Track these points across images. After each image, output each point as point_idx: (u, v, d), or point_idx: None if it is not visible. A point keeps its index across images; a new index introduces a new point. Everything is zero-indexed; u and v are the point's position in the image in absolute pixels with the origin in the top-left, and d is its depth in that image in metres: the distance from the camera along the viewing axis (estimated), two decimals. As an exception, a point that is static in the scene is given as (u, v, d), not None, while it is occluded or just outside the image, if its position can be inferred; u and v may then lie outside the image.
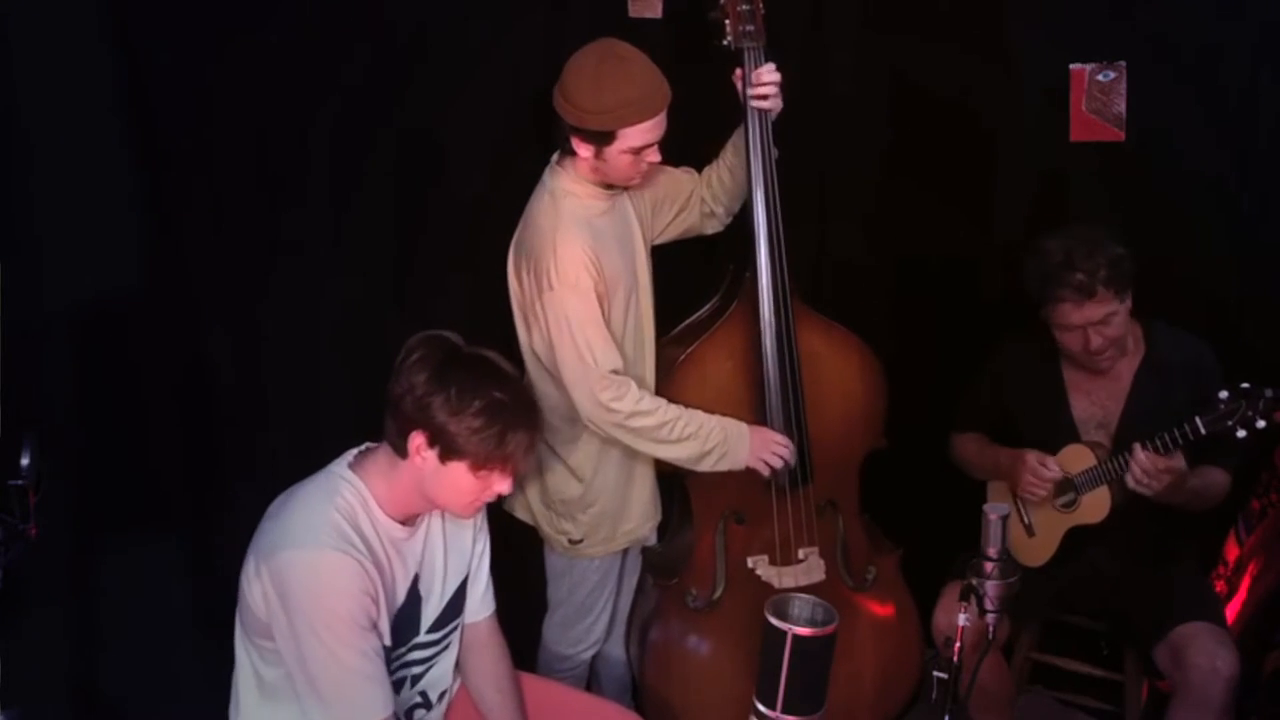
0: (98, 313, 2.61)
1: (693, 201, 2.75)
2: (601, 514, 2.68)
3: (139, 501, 2.73)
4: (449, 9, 3.04)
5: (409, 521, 2.12)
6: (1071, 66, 3.03)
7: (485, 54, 3.09)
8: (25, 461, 1.95)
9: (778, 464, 2.64)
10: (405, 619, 2.16)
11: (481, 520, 2.28)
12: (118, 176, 2.63)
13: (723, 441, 2.58)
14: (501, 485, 2.06)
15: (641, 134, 2.41)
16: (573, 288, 2.44)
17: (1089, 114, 3.04)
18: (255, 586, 2.02)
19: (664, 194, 2.72)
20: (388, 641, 2.09)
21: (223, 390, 2.91)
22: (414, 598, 2.16)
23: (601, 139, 2.41)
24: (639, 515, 2.74)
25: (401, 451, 2.02)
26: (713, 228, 2.79)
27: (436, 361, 1.99)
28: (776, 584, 2.72)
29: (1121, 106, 3.01)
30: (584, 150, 2.44)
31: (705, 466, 2.60)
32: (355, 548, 2.00)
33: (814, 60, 3.21)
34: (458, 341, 2.04)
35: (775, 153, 2.63)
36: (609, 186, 2.54)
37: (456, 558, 2.23)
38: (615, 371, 2.48)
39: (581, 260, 2.44)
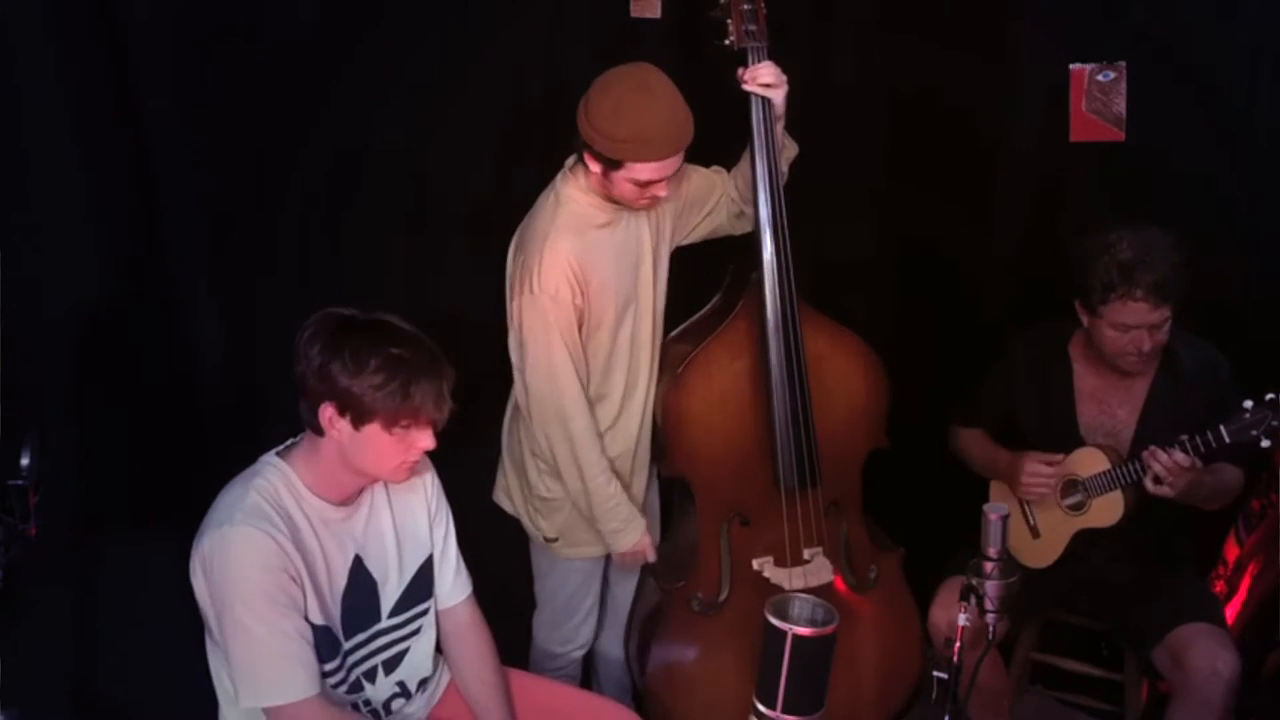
0: (97, 313, 2.62)
1: (721, 203, 2.73)
2: (576, 516, 2.68)
3: (139, 501, 2.73)
4: (449, 8, 3.04)
5: (346, 502, 2.11)
6: (1071, 66, 3.03)
7: (485, 54, 3.09)
8: (25, 461, 1.95)
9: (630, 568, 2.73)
10: (360, 605, 2.14)
11: (438, 500, 2.27)
12: (117, 177, 2.63)
13: (613, 519, 2.61)
14: (423, 441, 2.04)
15: (650, 171, 2.41)
16: (551, 297, 2.45)
17: (1089, 114, 3.04)
18: (194, 579, 2.03)
19: (692, 196, 2.71)
20: (319, 620, 2.06)
21: (222, 391, 2.91)
22: (364, 581, 2.15)
23: (609, 164, 2.41)
24: None
25: (317, 429, 2.03)
26: (743, 228, 2.75)
27: (329, 332, 2.00)
28: (787, 585, 2.70)
29: (1121, 106, 3.02)
30: (594, 166, 2.45)
31: (587, 511, 2.63)
32: (272, 524, 1.99)
33: (814, 60, 3.21)
34: (350, 312, 2.04)
35: (795, 150, 2.63)
36: (617, 202, 2.54)
37: (410, 538, 2.22)
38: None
39: (564, 271, 2.45)
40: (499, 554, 2.85)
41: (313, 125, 2.92)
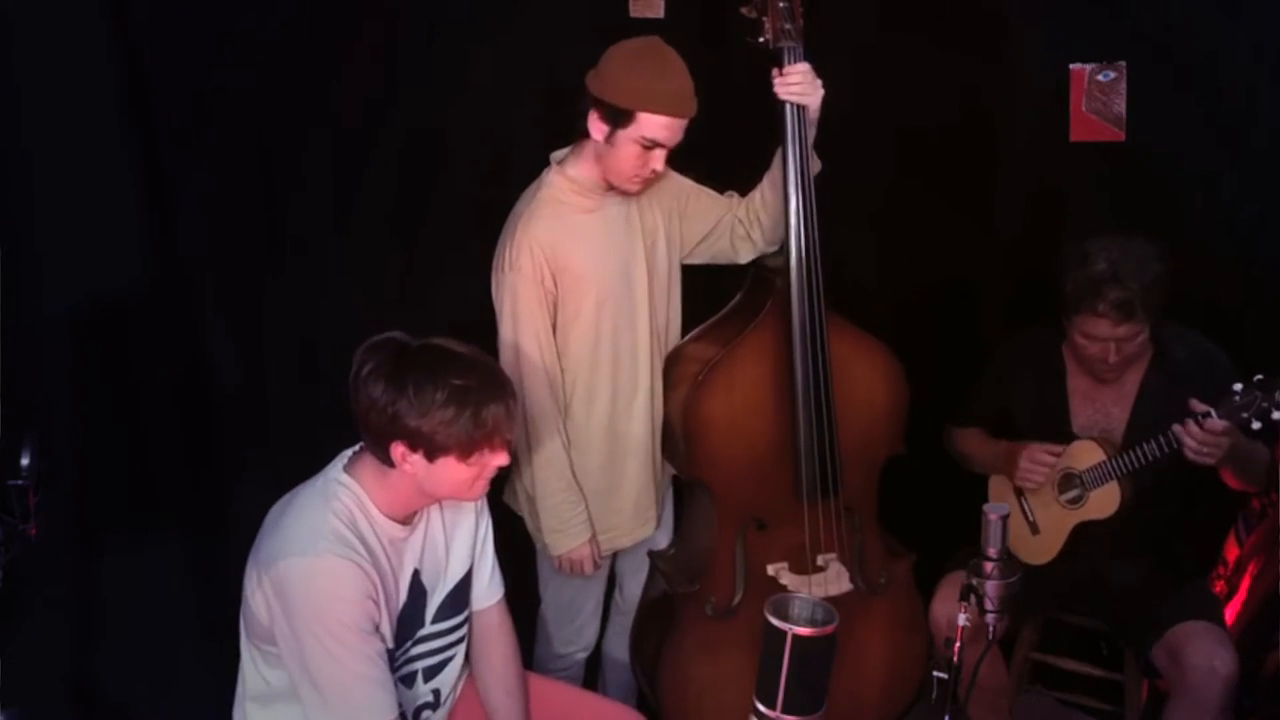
0: (98, 313, 2.62)
1: (724, 225, 2.69)
2: None
3: (139, 502, 2.73)
4: (450, 8, 3.04)
5: (408, 520, 2.12)
6: (1071, 66, 3.04)
7: (486, 53, 3.09)
8: (25, 461, 1.95)
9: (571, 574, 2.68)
10: (409, 614, 2.15)
11: (483, 504, 2.27)
12: (118, 176, 2.63)
13: (553, 517, 2.59)
14: (497, 460, 2.04)
15: (658, 127, 2.39)
16: (519, 274, 2.46)
17: (1089, 114, 3.05)
18: (258, 595, 2.02)
19: (694, 211, 2.68)
20: (390, 644, 2.08)
21: (223, 390, 2.91)
22: (418, 592, 2.16)
23: (619, 117, 2.39)
24: (621, 525, 2.71)
25: (387, 462, 2.01)
26: (747, 253, 2.72)
27: (388, 368, 1.96)
28: (809, 593, 2.65)
29: (1121, 106, 3.02)
30: (598, 130, 2.42)
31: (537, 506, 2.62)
32: (356, 552, 1.99)
33: (814, 61, 3.21)
34: (404, 340, 2.01)
35: (819, 166, 2.59)
36: (605, 190, 2.52)
37: (460, 547, 2.23)
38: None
39: (530, 251, 2.45)
40: (507, 552, 2.86)
41: (316, 125, 2.92)
